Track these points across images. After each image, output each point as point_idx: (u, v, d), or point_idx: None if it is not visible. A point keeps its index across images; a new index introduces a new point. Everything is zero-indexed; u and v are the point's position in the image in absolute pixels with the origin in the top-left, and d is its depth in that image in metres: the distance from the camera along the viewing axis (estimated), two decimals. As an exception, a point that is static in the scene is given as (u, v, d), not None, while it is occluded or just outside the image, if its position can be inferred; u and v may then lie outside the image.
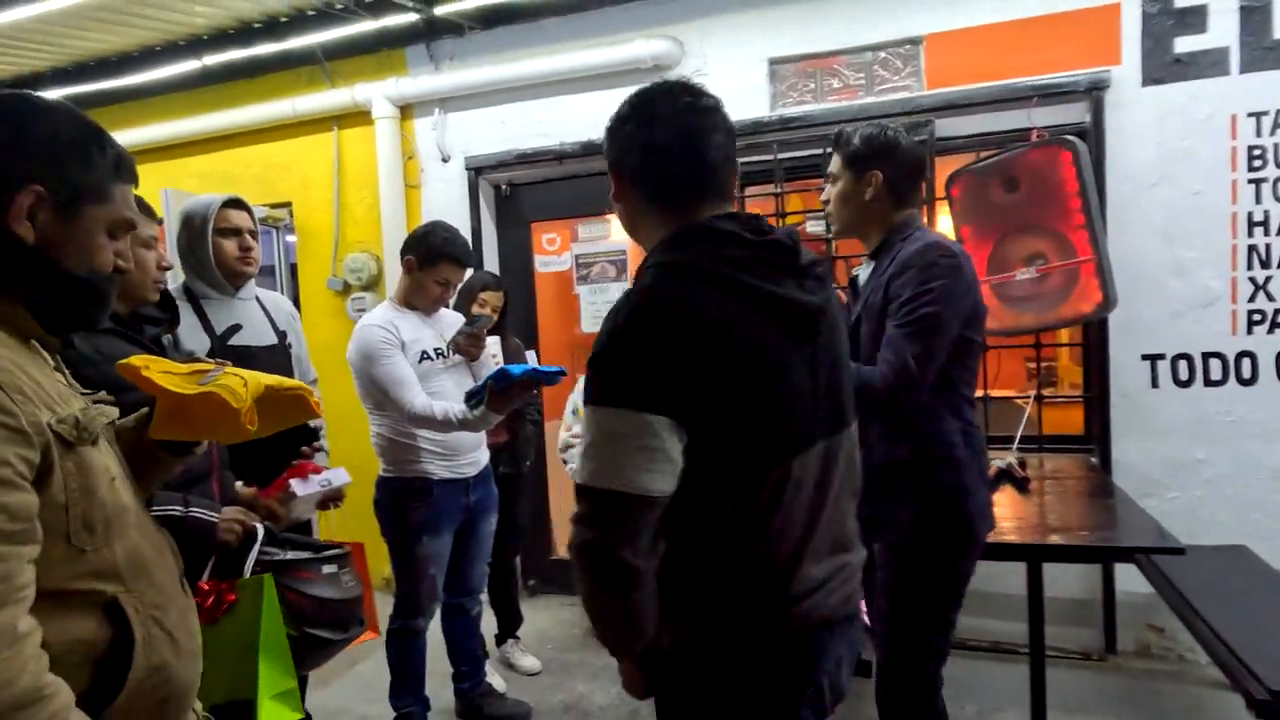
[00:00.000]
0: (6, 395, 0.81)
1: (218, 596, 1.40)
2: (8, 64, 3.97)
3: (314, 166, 3.99)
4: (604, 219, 3.82)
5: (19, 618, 0.78)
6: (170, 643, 0.95)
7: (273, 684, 1.41)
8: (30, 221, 0.89)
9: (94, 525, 0.88)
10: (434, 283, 2.37)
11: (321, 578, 1.59)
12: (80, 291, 0.94)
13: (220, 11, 3.49)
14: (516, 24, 3.55)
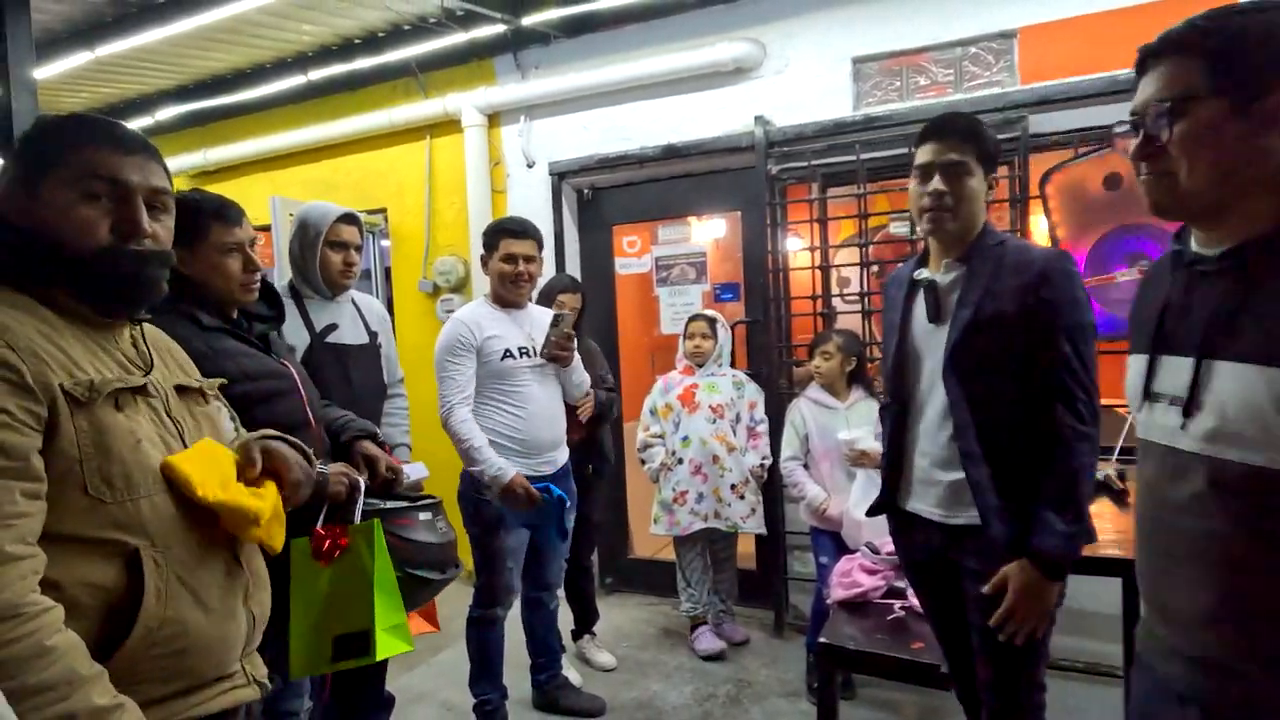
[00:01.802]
0: (17, 355, 0.91)
1: (333, 541, 1.53)
2: (136, 84, 4.32)
3: (408, 174, 4.18)
4: (684, 221, 3.85)
5: (6, 541, 0.87)
6: (194, 600, 1.02)
7: (386, 618, 1.52)
8: (15, 208, 1.00)
9: (112, 480, 0.96)
10: (502, 261, 2.45)
11: (419, 524, 1.70)
12: (84, 267, 1.00)
13: (324, 29, 3.70)
14: (599, 31, 3.62)
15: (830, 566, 2.61)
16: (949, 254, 1.64)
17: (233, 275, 1.63)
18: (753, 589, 3.51)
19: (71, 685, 0.87)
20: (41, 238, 0.99)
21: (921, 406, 1.66)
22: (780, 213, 3.40)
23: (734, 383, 3.19)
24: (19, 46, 1.92)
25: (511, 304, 2.51)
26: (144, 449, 1.01)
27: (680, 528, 3.10)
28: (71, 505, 0.94)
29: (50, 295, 1.00)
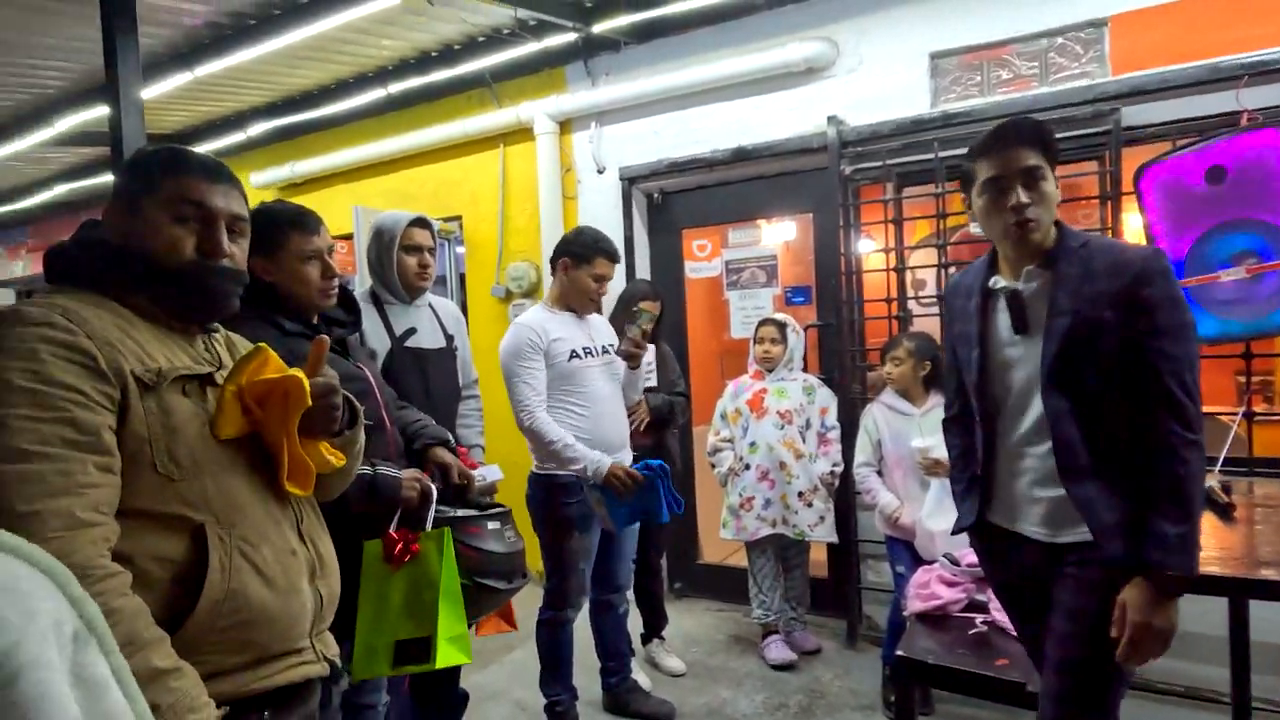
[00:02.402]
0: (92, 343, 1.00)
1: (405, 545, 1.57)
2: (231, 101, 4.56)
3: (481, 182, 4.27)
4: (754, 224, 3.81)
5: (79, 508, 0.94)
6: (256, 575, 1.09)
7: (448, 627, 1.55)
8: (119, 228, 1.12)
9: (179, 459, 1.05)
10: (590, 279, 2.49)
11: (488, 533, 1.73)
12: (172, 278, 1.12)
13: (402, 43, 3.82)
14: (669, 36, 3.63)
15: (907, 577, 2.53)
16: (1028, 260, 1.54)
17: (311, 281, 1.69)
18: (825, 597, 3.44)
19: (133, 646, 0.93)
20: (136, 251, 1.10)
21: (1012, 422, 1.58)
22: (853, 214, 3.33)
23: (804, 388, 3.13)
24: (128, 70, 2.05)
25: (577, 313, 2.56)
26: (209, 433, 1.10)
27: (747, 533, 3.07)
28: (143, 483, 1.02)
29: (133, 301, 1.11)
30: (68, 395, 0.97)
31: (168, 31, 3.41)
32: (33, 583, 0.34)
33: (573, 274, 2.50)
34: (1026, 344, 1.54)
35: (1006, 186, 1.50)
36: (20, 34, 3.29)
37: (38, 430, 0.94)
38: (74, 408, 0.97)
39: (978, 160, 1.54)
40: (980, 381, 1.62)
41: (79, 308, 1.03)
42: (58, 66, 3.77)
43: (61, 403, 0.96)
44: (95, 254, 1.11)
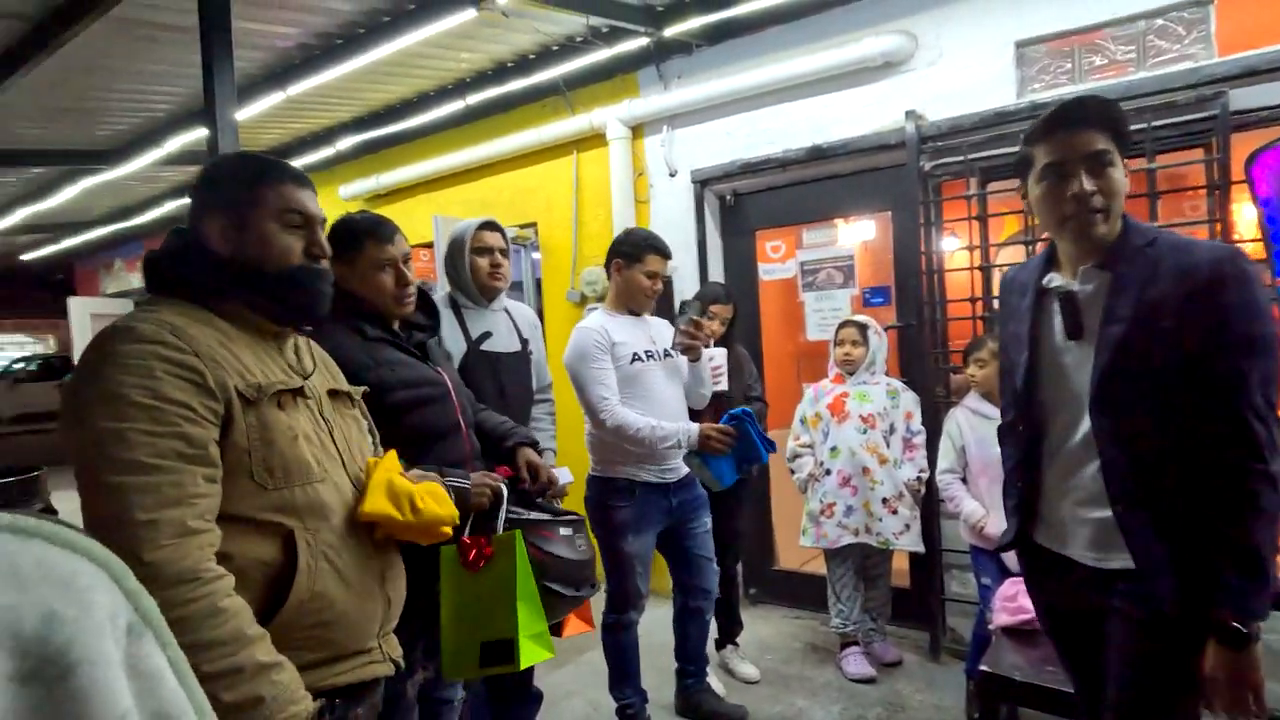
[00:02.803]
0: (200, 361, 1.07)
1: (478, 550, 1.60)
2: (319, 118, 4.79)
3: (556, 188, 4.34)
4: (830, 224, 3.73)
5: (189, 517, 1.01)
6: (337, 578, 1.15)
7: (529, 626, 1.58)
8: (225, 240, 1.17)
9: (273, 469, 1.11)
10: (643, 276, 2.49)
11: (559, 538, 1.74)
12: (278, 284, 1.19)
13: (480, 55, 3.93)
14: (742, 36, 3.60)
15: (993, 589, 2.43)
16: (1088, 258, 1.39)
17: (386, 289, 1.75)
18: (907, 608, 3.33)
19: (239, 643, 0.99)
20: (247, 261, 1.17)
21: (1061, 435, 1.44)
22: (934, 211, 3.22)
23: (888, 391, 3.04)
24: (224, 92, 2.18)
25: (634, 312, 2.56)
26: (300, 444, 1.16)
27: (828, 541, 2.99)
28: (241, 490, 1.09)
29: (228, 309, 1.17)
30: (180, 411, 1.03)
31: (262, 54, 3.61)
32: (90, 577, 0.35)
33: (626, 274, 2.52)
34: (1079, 352, 1.39)
35: (1068, 173, 1.35)
36: (131, 62, 3.54)
37: (154, 444, 1.00)
38: (185, 423, 1.03)
39: (1038, 143, 1.39)
40: (1027, 388, 1.48)
41: (185, 324, 1.10)
42: (164, 91, 4.04)
43: (174, 418, 1.03)
44: (199, 265, 1.17)
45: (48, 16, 2.81)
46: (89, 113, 4.29)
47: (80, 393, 1.03)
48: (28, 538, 0.34)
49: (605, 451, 2.51)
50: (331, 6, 3.19)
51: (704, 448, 2.36)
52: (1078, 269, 1.40)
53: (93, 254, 8.89)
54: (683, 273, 3.89)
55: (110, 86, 3.89)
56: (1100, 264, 1.37)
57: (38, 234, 7.93)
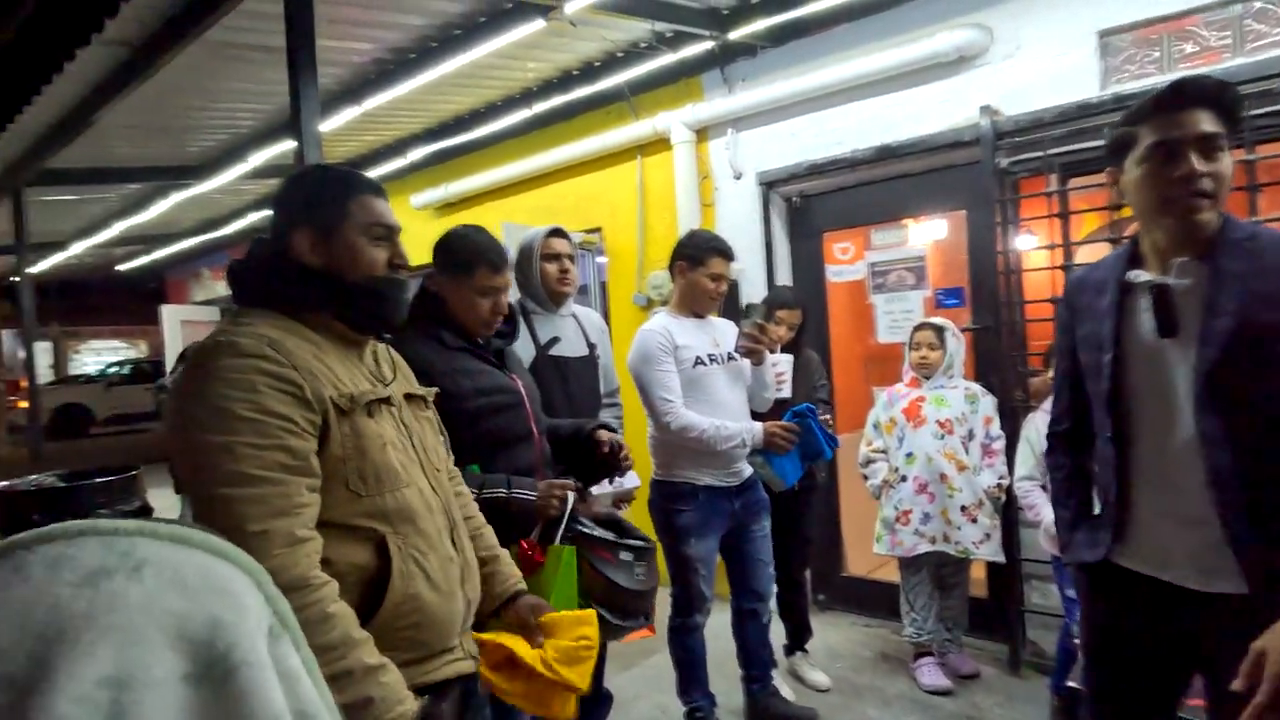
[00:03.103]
0: (298, 374, 1.11)
1: (531, 556, 1.62)
2: (390, 130, 4.94)
3: (620, 193, 4.37)
4: (900, 224, 3.66)
5: (296, 526, 1.05)
6: (426, 581, 1.19)
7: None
8: (312, 253, 1.21)
9: (366, 476, 1.15)
10: (706, 279, 2.48)
11: (617, 562, 1.71)
12: (366, 294, 1.22)
13: (546, 65, 3.99)
14: (808, 36, 3.55)
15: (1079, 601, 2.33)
16: (1183, 249, 1.30)
17: (481, 314, 1.80)
18: (984, 619, 3.22)
19: (347, 646, 1.03)
20: (333, 273, 1.22)
21: (1157, 441, 1.34)
22: (1011, 209, 3.12)
23: (966, 396, 2.95)
24: (308, 106, 2.28)
25: (698, 315, 2.56)
26: (389, 451, 1.20)
27: (904, 549, 2.92)
28: (337, 497, 1.13)
29: (315, 319, 1.21)
30: (283, 424, 1.08)
31: (339, 70, 3.75)
32: (242, 584, 0.37)
33: (690, 276, 2.51)
34: (1175, 351, 1.30)
35: (1178, 153, 1.26)
36: (220, 81, 3.73)
37: (260, 457, 1.05)
38: (288, 436, 1.08)
39: (1143, 122, 1.31)
40: (1113, 393, 1.38)
41: (281, 337, 1.14)
42: (250, 108, 4.25)
43: (278, 431, 1.07)
44: (289, 277, 1.21)
45: (147, 42, 2.99)
46: (180, 131, 4.54)
47: (188, 407, 1.07)
48: (190, 548, 0.37)
49: (668, 455, 2.51)
50: (406, 22, 3.30)
51: (768, 446, 2.38)
52: (1169, 263, 1.32)
53: (182, 264, 9.39)
54: (749, 275, 3.86)
55: (200, 106, 4.11)
56: (1198, 256, 1.29)
57: (132, 246, 8.42)
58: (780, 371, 2.65)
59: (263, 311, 1.19)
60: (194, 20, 2.74)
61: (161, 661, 0.32)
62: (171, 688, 0.32)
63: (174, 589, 0.34)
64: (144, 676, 0.31)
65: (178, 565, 0.35)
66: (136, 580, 0.34)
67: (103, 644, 0.31)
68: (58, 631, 0.31)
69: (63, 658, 0.30)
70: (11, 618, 0.31)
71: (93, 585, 0.33)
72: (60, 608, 0.32)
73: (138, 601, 0.33)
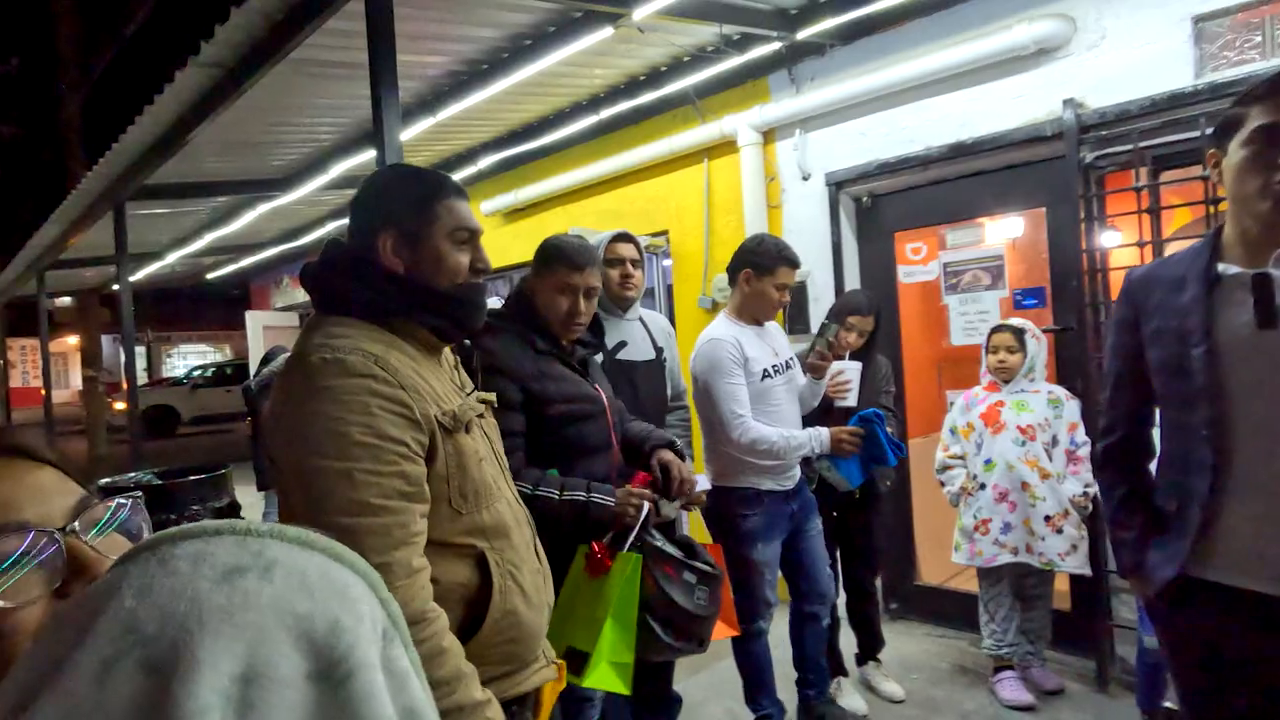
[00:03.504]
0: (408, 395, 1.09)
1: (599, 560, 1.62)
2: (461, 140, 5.07)
3: (686, 196, 4.38)
4: (975, 223, 3.55)
5: (414, 556, 1.04)
6: (521, 595, 1.18)
7: (613, 651, 1.56)
8: (397, 257, 1.18)
9: (467, 494, 1.14)
10: (773, 289, 2.46)
11: (679, 582, 1.68)
12: (452, 301, 1.19)
13: (613, 71, 4.03)
14: (878, 34, 3.49)
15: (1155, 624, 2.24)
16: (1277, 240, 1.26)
17: (559, 312, 1.83)
18: (1069, 632, 3.10)
19: (459, 681, 1.03)
20: (416, 277, 1.18)
21: (1261, 442, 1.28)
22: (1097, 205, 2.99)
23: (1050, 400, 2.83)
24: (390, 117, 2.36)
25: (759, 322, 2.55)
26: (484, 466, 1.19)
27: (983, 559, 2.82)
28: (441, 516, 1.13)
29: (400, 326, 1.18)
30: (397, 449, 1.06)
31: (415, 83, 3.86)
32: (359, 589, 0.38)
33: (756, 285, 2.48)
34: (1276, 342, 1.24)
35: None
36: (303, 97, 3.89)
37: (380, 484, 1.03)
38: (403, 461, 1.06)
39: (1255, 103, 1.26)
40: (1209, 392, 1.31)
41: (383, 352, 1.11)
42: (330, 122, 4.42)
43: (393, 456, 1.05)
44: (375, 283, 1.16)
45: (238, 63, 3.15)
46: (265, 146, 4.75)
47: (300, 428, 1.04)
48: (313, 551, 0.38)
49: (726, 463, 2.49)
50: (480, 35, 3.38)
51: (835, 451, 2.40)
52: (1263, 254, 1.26)
53: (264, 272, 9.83)
54: (816, 278, 3.82)
55: (284, 121, 4.29)
56: None
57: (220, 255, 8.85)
58: (847, 379, 2.60)
59: (351, 320, 1.14)
60: (281, 41, 2.87)
61: (287, 660, 0.33)
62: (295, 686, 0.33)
63: (300, 591, 0.35)
64: (271, 674, 0.32)
65: (303, 568, 0.36)
66: (268, 580, 0.35)
67: (238, 639, 0.32)
68: (198, 623, 0.32)
69: (204, 649, 0.32)
70: (158, 607, 0.33)
71: (229, 582, 0.34)
72: (200, 601, 0.33)
73: (269, 601, 0.34)
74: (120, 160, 4.45)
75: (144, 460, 5.43)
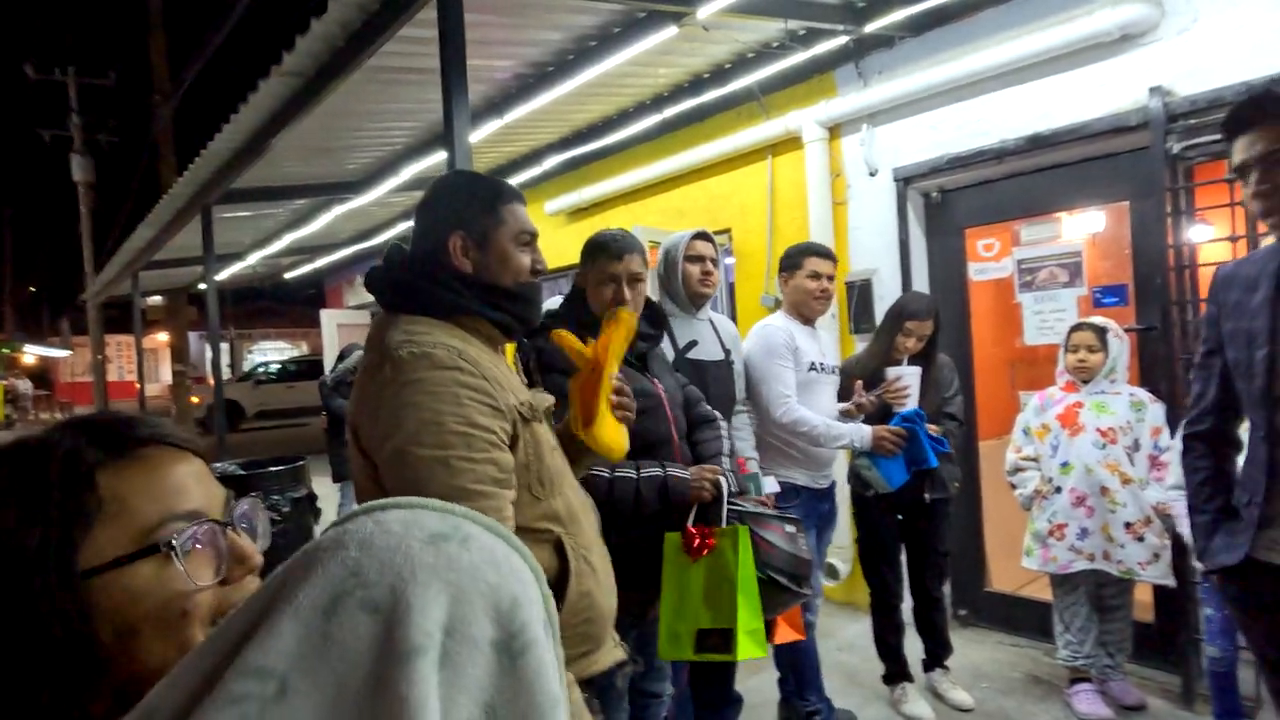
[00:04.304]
0: (490, 385, 1.13)
1: (701, 540, 1.67)
2: (528, 140, 5.15)
3: (750, 194, 4.35)
4: (1051, 218, 3.42)
5: None
6: (594, 576, 1.22)
7: (747, 621, 1.61)
8: (465, 258, 1.23)
9: (544, 480, 1.19)
10: (807, 279, 2.59)
11: (785, 534, 1.79)
12: (516, 298, 1.25)
13: (677, 70, 4.03)
14: (950, 24, 3.40)
15: (1215, 620, 2.29)
16: None
17: (603, 301, 1.88)
18: (1151, 645, 2.96)
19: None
20: (482, 277, 1.25)
21: None
22: (1185, 198, 2.85)
23: (1132, 403, 2.71)
24: (460, 119, 2.43)
25: (809, 321, 2.65)
26: (555, 454, 1.24)
27: (1057, 565, 2.72)
28: (522, 502, 1.17)
29: (469, 323, 1.23)
30: (488, 436, 1.11)
31: (483, 86, 3.95)
32: (529, 575, 0.42)
33: (792, 283, 2.62)
34: None
35: None
36: (377, 103, 4.02)
37: (475, 470, 1.08)
38: (493, 448, 1.11)
39: None
40: (1268, 390, 1.34)
41: (462, 345, 1.16)
42: (403, 126, 4.55)
43: (485, 444, 1.10)
44: (446, 282, 1.22)
45: (317, 72, 3.28)
46: (341, 150, 4.93)
47: (395, 418, 1.09)
48: (497, 536, 0.42)
49: (769, 455, 2.56)
50: (546, 38, 3.43)
51: (877, 449, 2.45)
52: None
53: (338, 271, 10.19)
54: (883, 275, 3.74)
55: (359, 126, 4.45)
56: None
57: (297, 256, 9.22)
58: (905, 384, 2.57)
59: (424, 318, 1.19)
60: (358, 50, 2.98)
61: (478, 622, 0.37)
62: (482, 650, 0.37)
63: (490, 565, 0.39)
64: (465, 632, 0.37)
65: (492, 546, 0.41)
66: (466, 549, 0.39)
67: (444, 594, 0.37)
68: (412, 574, 0.37)
69: (417, 597, 0.36)
70: (377, 558, 0.38)
71: (435, 545, 0.39)
72: (413, 557, 0.38)
73: (468, 566, 0.38)
74: (207, 166, 4.69)
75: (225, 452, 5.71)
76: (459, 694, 0.36)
